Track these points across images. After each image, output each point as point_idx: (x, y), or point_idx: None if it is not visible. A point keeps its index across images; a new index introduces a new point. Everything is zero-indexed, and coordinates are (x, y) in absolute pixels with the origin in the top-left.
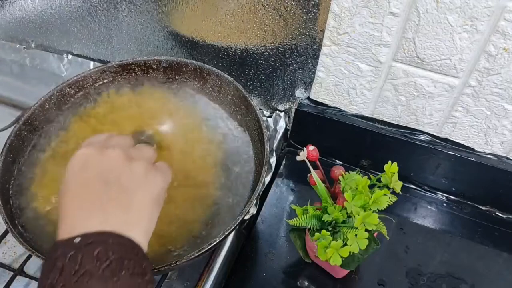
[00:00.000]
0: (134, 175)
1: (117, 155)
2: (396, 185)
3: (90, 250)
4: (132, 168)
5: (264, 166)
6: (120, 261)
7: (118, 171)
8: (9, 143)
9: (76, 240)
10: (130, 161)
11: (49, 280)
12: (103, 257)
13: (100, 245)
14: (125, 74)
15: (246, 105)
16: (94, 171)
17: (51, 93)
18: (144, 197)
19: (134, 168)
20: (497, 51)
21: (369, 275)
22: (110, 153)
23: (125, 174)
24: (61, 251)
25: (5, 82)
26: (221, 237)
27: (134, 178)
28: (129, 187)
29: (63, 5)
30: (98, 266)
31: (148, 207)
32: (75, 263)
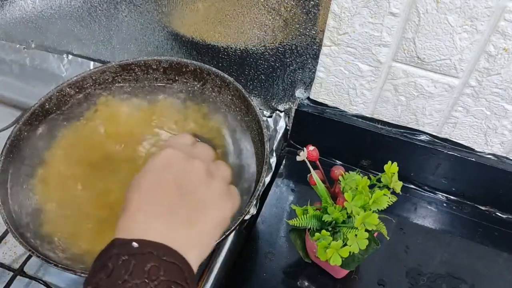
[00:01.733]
0: (210, 194)
1: (201, 168)
2: (396, 185)
3: (143, 261)
4: (211, 186)
5: (264, 166)
6: (168, 284)
7: (197, 184)
8: (9, 143)
9: (133, 244)
10: (211, 178)
11: (96, 278)
12: (153, 274)
13: (154, 259)
14: (125, 74)
15: (246, 105)
16: (175, 175)
17: (51, 93)
18: (212, 219)
19: (213, 186)
20: (497, 51)
21: (369, 275)
22: (195, 163)
23: (202, 190)
24: (116, 252)
25: (5, 82)
26: (221, 237)
27: (209, 197)
28: (201, 204)
29: (63, 5)
30: (146, 283)
31: (212, 231)
32: (126, 271)
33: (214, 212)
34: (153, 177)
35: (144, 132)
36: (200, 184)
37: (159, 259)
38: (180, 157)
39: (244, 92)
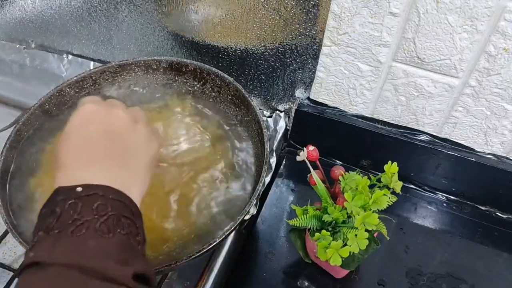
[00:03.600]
0: (137, 137)
1: (124, 115)
2: (396, 185)
3: (90, 201)
4: (136, 129)
5: (264, 166)
6: (117, 217)
7: (123, 130)
8: (9, 143)
9: (78, 189)
10: (134, 123)
11: (45, 224)
12: (102, 211)
13: (100, 198)
14: (125, 74)
15: (246, 105)
16: (99, 126)
17: (51, 93)
18: (143, 158)
19: (138, 130)
20: (497, 51)
21: (369, 275)
22: (116, 112)
23: (129, 135)
24: (61, 198)
25: (5, 82)
26: (221, 237)
27: (137, 139)
28: (131, 147)
29: (63, 5)
30: (96, 219)
31: (145, 169)
32: (74, 212)
33: (144, 152)
34: (80, 130)
35: None
36: (127, 129)
37: (105, 197)
38: (100, 109)
39: (244, 92)
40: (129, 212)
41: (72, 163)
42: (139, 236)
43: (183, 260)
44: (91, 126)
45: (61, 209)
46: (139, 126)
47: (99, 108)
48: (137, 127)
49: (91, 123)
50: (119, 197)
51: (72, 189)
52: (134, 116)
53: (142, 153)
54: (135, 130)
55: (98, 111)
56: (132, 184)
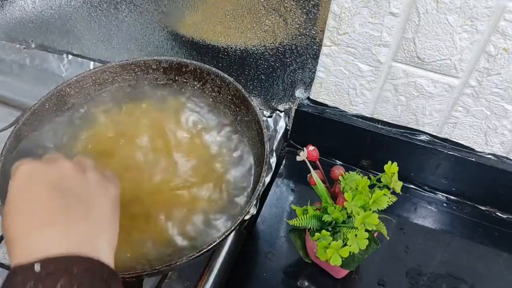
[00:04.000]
0: (90, 186)
1: (68, 165)
2: (396, 185)
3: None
4: (87, 178)
5: (264, 166)
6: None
7: (72, 182)
8: (9, 143)
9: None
10: (82, 171)
11: None
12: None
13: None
14: (125, 74)
15: (246, 105)
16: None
17: (51, 93)
18: (102, 205)
19: (89, 178)
20: (497, 51)
21: (369, 275)
22: (60, 163)
23: (80, 185)
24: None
25: (5, 82)
26: (221, 237)
27: (90, 188)
28: (85, 196)
29: (63, 5)
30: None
31: (108, 216)
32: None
33: (101, 198)
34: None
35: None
36: (75, 180)
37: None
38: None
39: (244, 92)
40: (100, 280)
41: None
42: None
43: (183, 260)
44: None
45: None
46: (89, 174)
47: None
48: (87, 175)
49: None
50: (85, 264)
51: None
52: (81, 165)
53: (100, 200)
54: (86, 179)
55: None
56: (97, 236)
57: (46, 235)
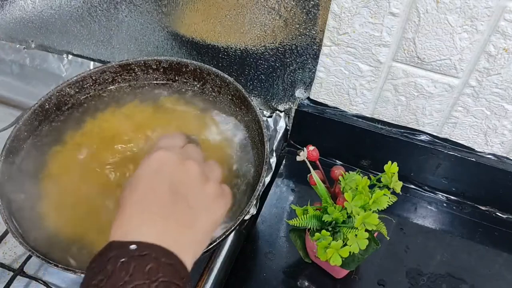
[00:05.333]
0: (205, 198)
1: (195, 171)
2: (396, 185)
3: (142, 263)
4: (205, 188)
5: (264, 166)
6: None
7: (191, 187)
8: (9, 143)
9: (131, 246)
10: (205, 181)
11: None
12: (153, 275)
13: (153, 261)
14: (125, 74)
15: (246, 105)
16: (168, 178)
17: (51, 93)
18: (206, 221)
19: (207, 189)
20: (497, 51)
21: (369, 275)
22: (189, 166)
23: (197, 193)
24: (114, 254)
25: (5, 82)
26: (221, 237)
27: (204, 199)
28: (196, 206)
29: (63, 5)
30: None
31: (206, 232)
32: (126, 273)
33: (208, 214)
34: (147, 180)
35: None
36: (195, 187)
37: (157, 260)
38: (173, 160)
39: (244, 92)
40: (179, 278)
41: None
42: None
43: None
44: (160, 176)
45: (113, 268)
46: (209, 185)
47: (173, 158)
48: (206, 186)
49: (160, 172)
50: (172, 261)
51: (125, 246)
52: (208, 172)
53: (207, 216)
54: (204, 190)
55: (171, 160)
56: (189, 247)
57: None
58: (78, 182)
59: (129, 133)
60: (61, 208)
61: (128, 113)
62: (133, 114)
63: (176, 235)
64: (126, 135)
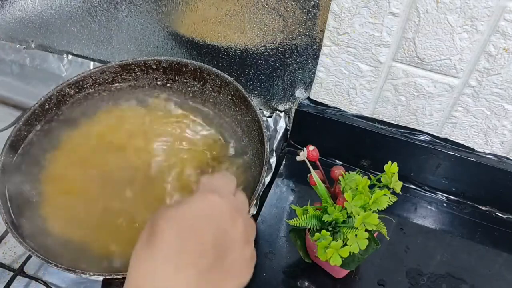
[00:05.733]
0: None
1: (242, 228)
2: (396, 185)
3: None
4: (245, 250)
5: (264, 166)
6: None
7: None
8: (9, 143)
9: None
10: (246, 242)
11: None
12: None
13: None
14: (125, 74)
15: (246, 105)
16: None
17: (51, 93)
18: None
19: (246, 252)
20: (497, 51)
21: (369, 275)
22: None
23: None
24: None
25: (5, 82)
26: None
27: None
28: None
29: (63, 5)
30: None
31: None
32: None
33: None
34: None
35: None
36: (237, 247)
37: None
38: (225, 210)
39: (244, 92)
40: None
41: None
42: None
43: None
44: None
45: None
46: (248, 248)
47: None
48: (246, 248)
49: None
50: None
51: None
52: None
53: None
54: (243, 250)
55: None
56: None
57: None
58: (78, 183)
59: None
60: (61, 208)
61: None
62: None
63: None
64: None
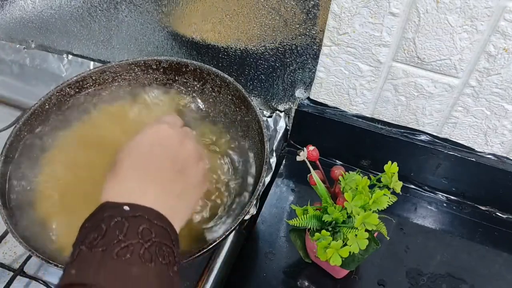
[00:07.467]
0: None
1: (193, 148)
2: (396, 185)
3: (136, 223)
4: (199, 166)
5: (264, 166)
6: (159, 245)
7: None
8: (9, 143)
9: (125, 207)
10: (199, 159)
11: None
12: (146, 236)
13: (146, 222)
14: (125, 74)
15: (246, 105)
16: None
17: (51, 93)
18: (196, 195)
19: (200, 167)
20: (497, 51)
21: (369, 275)
22: (188, 144)
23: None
24: (107, 214)
25: (5, 82)
26: (221, 237)
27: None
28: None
29: (63, 5)
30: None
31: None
32: (120, 232)
33: (198, 189)
34: (148, 146)
35: None
36: (191, 164)
37: (150, 222)
38: (175, 135)
39: (244, 92)
40: (169, 240)
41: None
42: (176, 265)
43: (183, 260)
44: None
45: (107, 226)
46: (202, 164)
47: (174, 134)
48: (200, 164)
49: (161, 145)
50: (163, 223)
51: (119, 207)
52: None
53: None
54: (198, 166)
55: (172, 136)
56: (178, 213)
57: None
58: (78, 183)
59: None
60: (61, 208)
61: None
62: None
63: (169, 202)
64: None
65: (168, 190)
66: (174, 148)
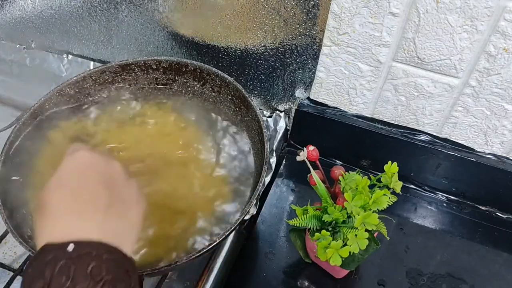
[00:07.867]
0: (133, 190)
1: (119, 167)
2: (396, 185)
3: (83, 263)
4: (131, 183)
5: (264, 166)
6: (113, 283)
7: (120, 182)
8: (9, 143)
9: (69, 248)
10: (128, 176)
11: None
12: (96, 275)
13: (94, 259)
14: (125, 74)
15: (246, 105)
16: (99, 174)
17: (51, 93)
18: (139, 211)
19: (133, 183)
20: (497, 51)
21: (369, 275)
22: (114, 163)
23: (126, 187)
24: (51, 257)
25: (5, 82)
26: (221, 237)
27: (132, 192)
28: (128, 199)
29: (63, 5)
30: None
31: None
32: (67, 277)
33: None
34: (78, 176)
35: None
36: (123, 181)
37: (99, 258)
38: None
39: (244, 92)
40: (124, 271)
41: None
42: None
43: (183, 260)
44: (88, 173)
45: (51, 273)
46: (133, 180)
47: (95, 156)
48: (131, 180)
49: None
50: (113, 255)
51: (63, 248)
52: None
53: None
54: (131, 183)
55: (95, 159)
56: (126, 235)
57: (84, 221)
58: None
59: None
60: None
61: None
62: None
63: (112, 227)
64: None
65: (108, 214)
66: (99, 169)
